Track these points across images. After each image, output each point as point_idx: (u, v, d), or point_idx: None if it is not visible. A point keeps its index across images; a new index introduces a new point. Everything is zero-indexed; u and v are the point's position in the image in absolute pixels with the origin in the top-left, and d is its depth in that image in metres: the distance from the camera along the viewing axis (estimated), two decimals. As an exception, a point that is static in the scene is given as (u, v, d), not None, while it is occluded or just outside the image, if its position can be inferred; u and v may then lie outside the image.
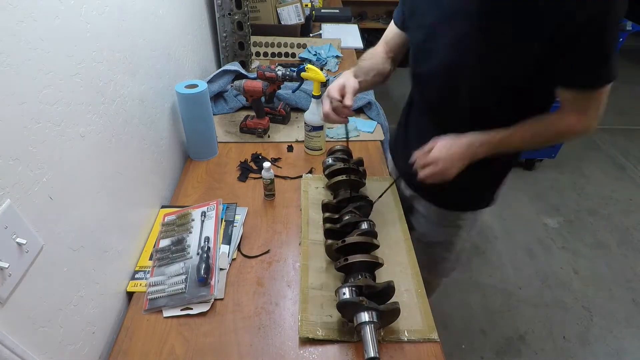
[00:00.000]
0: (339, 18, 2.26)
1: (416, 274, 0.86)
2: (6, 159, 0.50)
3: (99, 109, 0.72)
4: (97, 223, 0.72)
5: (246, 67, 1.60)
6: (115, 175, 0.79)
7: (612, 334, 1.69)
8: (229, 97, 1.41)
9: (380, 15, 4.04)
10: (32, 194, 0.55)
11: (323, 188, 1.08)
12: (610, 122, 3.12)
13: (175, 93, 1.07)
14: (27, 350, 0.53)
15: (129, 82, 0.84)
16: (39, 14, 0.55)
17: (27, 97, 0.54)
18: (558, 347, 1.64)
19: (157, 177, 1.01)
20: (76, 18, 0.65)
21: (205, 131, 1.15)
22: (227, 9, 1.46)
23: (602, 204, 2.36)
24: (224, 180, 1.12)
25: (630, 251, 2.06)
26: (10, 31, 0.50)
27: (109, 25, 0.75)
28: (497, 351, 1.62)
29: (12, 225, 0.51)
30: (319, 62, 1.73)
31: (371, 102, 1.38)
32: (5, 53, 0.49)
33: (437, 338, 0.74)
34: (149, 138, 0.95)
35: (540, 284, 1.89)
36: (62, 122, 0.61)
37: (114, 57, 0.77)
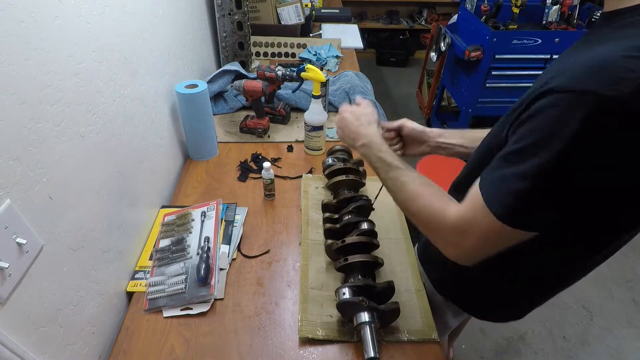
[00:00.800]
0: (338, 18, 2.26)
1: (416, 274, 0.86)
2: (6, 159, 0.50)
3: (99, 109, 0.72)
4: (97, 223, 0.72)
5: (246, 67, 1.60)
6: (115, 175, 0.79)
7: (612, 334, 1.69)
8: (229, 97, 1.41)
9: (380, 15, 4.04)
10: (32, 194, 0.55)
11: (323, 188, 1.08)
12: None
13: (175, 93, 1.07)
14: (27, 350, 0.53)
15: (129, 82, 0.84)
16: (39, 14, 0.55)
17: (28, 97, 0.54)
18: (558, 347, 1.64)
19: (157, 177, 1.01)
20: (76, 18, 0.65)
21: (205, 131, 1.15)
22: (227, 9, 1.46)
23: (602, 204, 2.36)
24: (223, 180, 1.12)
25: (630, 251, 2.06)
26: (11, 31, 0.50)
27: (109, 25, 0.75)
28: (497, 351, 1.62)
29: (12, 225, 0.51)
30: (319, 62, 1.73)
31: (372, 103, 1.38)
32: (6, 53, 0.49)
33: (437, 338, 0.74)
34: (149, 138, 0.95)
35: (540, 284, 1.89)
36: (62, 122, 0.61)
37: (114, 57, 0.78)
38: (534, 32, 2.02)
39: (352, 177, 0.95)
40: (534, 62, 2.09)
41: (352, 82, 1.46)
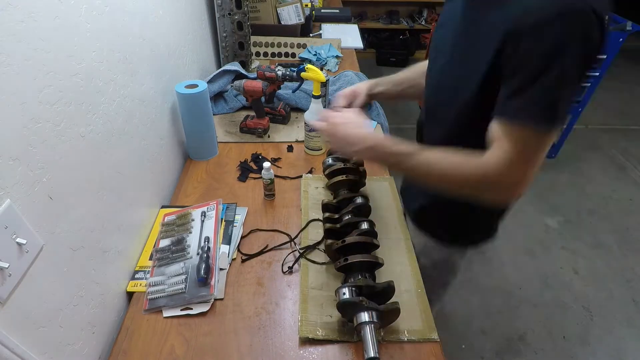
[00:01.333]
0: (338, 18, 2.26)
1: (416, 274, 0.86)
2: (6, 159, 0.50)
3: (99, 109, 0.72)
4: (97, 223, 0.72)
5: (246, 67, 1.60)
6: (115, 175, 0.79)
7: (611, 334, 1.69)
8: (229, 97, 1.41)
9: (380, 15, 4.04)
10: (32, 194, 0.55)
11: (323, 188, 1.08)
12: (610, 122, 3.12)
13: (175, 93, 1.07)
14: (27, 350, 0.53)
15: (129, 82, 0.84)
16: (39, 13, 0.55)
17: (28, 97, 0.54)
18: (558, 347, 1.64)
19: (157, 177, 1.01)
20: (76, 18, 0.65)
21: (205, 131, 1.15)
22: (227, 9, 1.46)
23: (602, 204, 2.36)
24: (223, 180, 1.12)
25: (630, 251, 2.06)
26: (11, 31, 0.50)
27: (109, 25, 0.75)
28: (497, 351, 1.62)
29: (12, 225, 0.51)
30: (319, 62, 1.73)
31: (371, 102, 1.38)
32: (6, 53, 0.49)
33: (437, 338, 0.74)
34: (149, 138, 0.95)
35: (540, 284, 1.89)
36: (62, 122, 0.61)
37: (114, 57, 0.78)
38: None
39: (352, 177, 0.95)
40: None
41: (352, 82, 1.46)
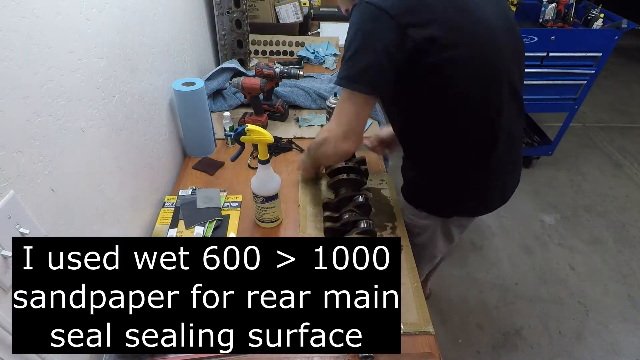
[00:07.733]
0: (337, 16, 2.27)
1: (412, 268, 0.88)
2: (10, 151, 0.51)
3: (99, 105, 0.73)
4: (98, 216, 0.74)
5: (245, 65, 1.61)
6: (115, 169, 0.80)
7: (607, 328, 1.70)
8: (228, 94, 1.42)
9: (378, 14, 4.03)
10: (34, 186, 0.56)
11: (321, 184, 1.09)
12: (607, 119, 3.14)
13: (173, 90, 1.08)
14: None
15: (129, 78, 0.85)
16: (41, 10, 0.57)
17: (30, 92, 0.55)
18: (554, 341, 1.66)
19: (157, 172, 1.03)
20: (77, 15, 0.66)
21: (202, 128, 1.16)
22: (225, 7, 1.47)
23: (598, 200, 2.38)
24: (222, 176, 1.13)
25: (626, 247, 2.08)
26: (13, 27, 0.52)
27: (109, 22, 0.76)
28: (494, 346, 1.63)
29: (16, 216, 0.52)
30: (317, 60, 1.75)
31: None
32: (9, 48, 0.51)
33: (432, 330, 0.76)
34: (149, 134, 0.96)
35: (536, 280, 1.91)
36: (63, 117, 0.62)
37: (114, 54, 0.79)
38: (531, 29, 2.02)
39: (353, 176, 0.95)
40: (530, 60, 2.09)
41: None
